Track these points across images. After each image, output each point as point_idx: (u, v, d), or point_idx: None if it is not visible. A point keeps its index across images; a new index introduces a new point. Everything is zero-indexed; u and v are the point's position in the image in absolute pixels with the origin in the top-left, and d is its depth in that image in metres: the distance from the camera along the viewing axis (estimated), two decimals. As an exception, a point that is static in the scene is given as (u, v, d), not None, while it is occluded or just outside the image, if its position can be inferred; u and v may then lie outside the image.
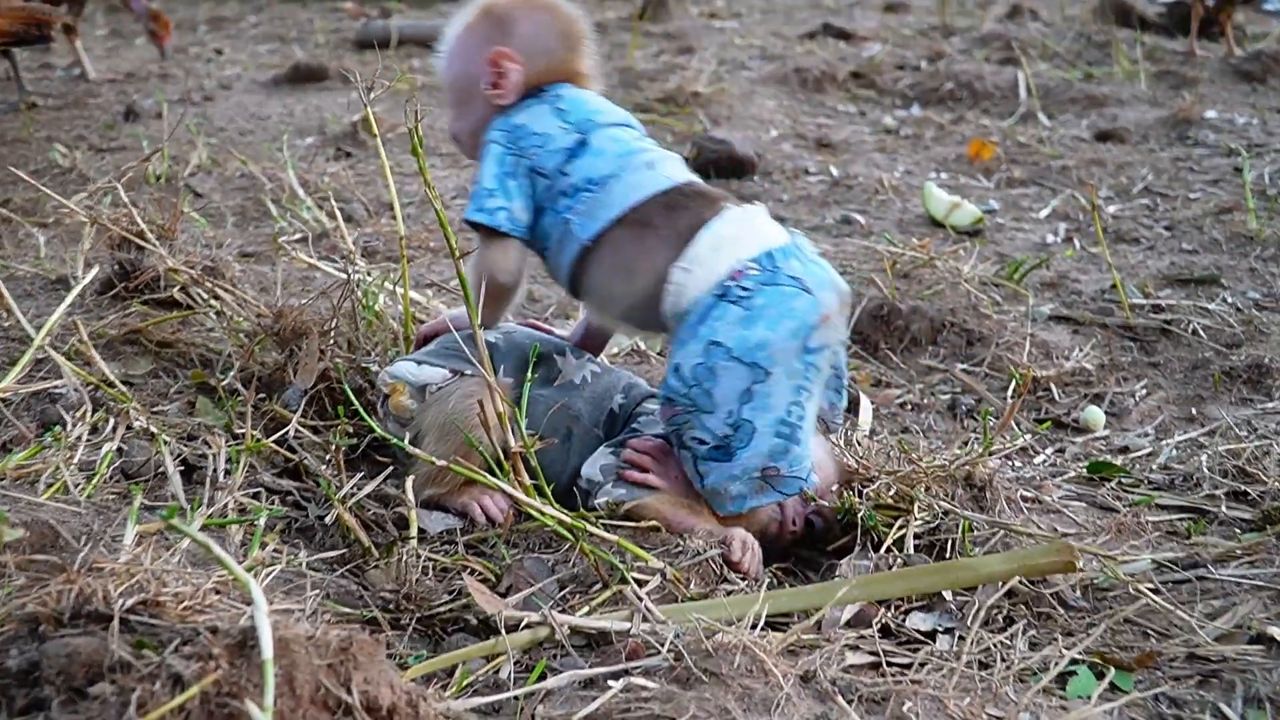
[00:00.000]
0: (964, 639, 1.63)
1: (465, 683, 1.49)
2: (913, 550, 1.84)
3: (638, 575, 1.67)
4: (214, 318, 2.37)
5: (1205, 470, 2.20)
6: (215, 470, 1.91)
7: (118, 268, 2.43)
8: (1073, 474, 2.24)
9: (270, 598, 1.41)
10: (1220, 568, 1.86)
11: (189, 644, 1.15)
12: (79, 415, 1.98)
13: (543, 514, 1.72)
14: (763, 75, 5.62)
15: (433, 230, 3.34)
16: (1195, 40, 5.91)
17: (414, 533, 1.80)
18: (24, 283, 2.64)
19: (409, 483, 1.85)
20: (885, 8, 7.77)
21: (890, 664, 1.57)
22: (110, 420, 1.98)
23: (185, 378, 2.22)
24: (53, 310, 2.20)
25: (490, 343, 1.93)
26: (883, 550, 1.83)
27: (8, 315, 2.32)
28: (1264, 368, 2.61)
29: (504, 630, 1.55)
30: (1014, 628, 1.68)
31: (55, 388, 2.06)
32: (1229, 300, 3.00)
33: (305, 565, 1.72)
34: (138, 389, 2.15)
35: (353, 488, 1.90)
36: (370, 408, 2.05)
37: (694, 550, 1.76)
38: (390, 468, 2.01)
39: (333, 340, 2.21)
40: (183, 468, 1.92)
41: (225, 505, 1.80)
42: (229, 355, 2.27)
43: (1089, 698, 1.51)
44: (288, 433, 2.03)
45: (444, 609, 1.65)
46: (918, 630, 1.68)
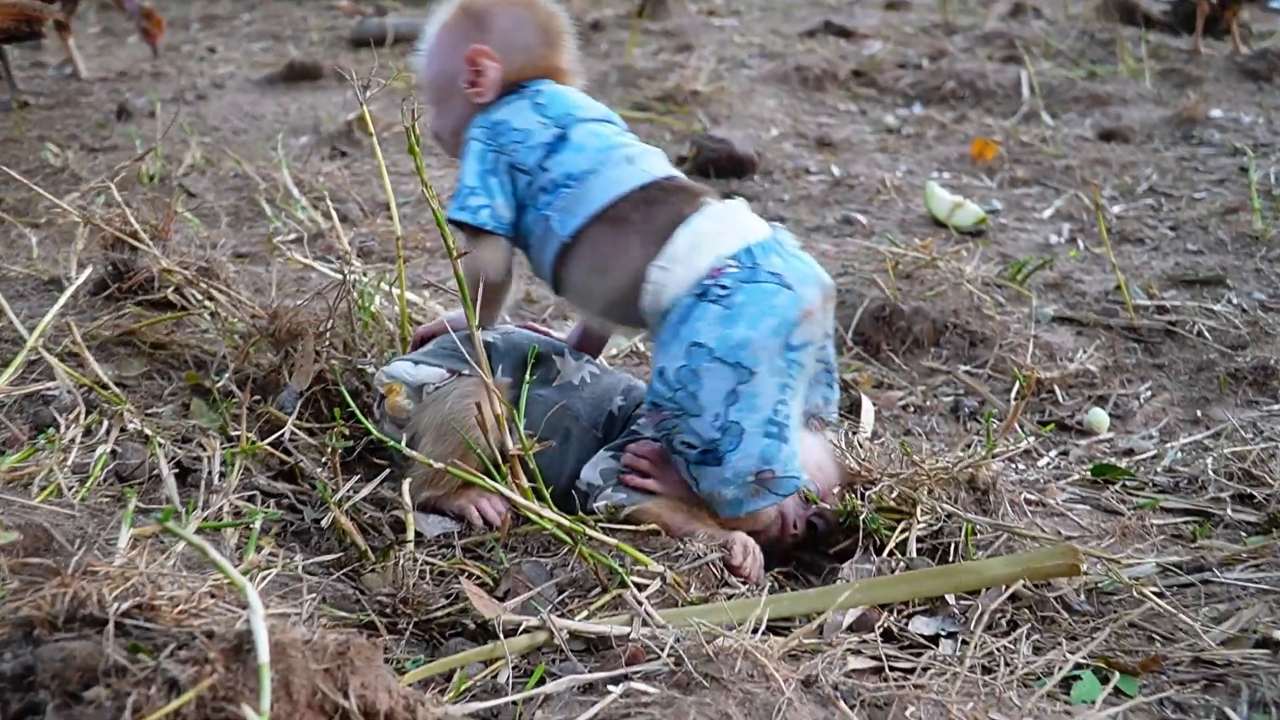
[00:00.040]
0: (967, 643, 1.64)
1: (463, 688, 1.49)
2: (915, 554, 1.85)
3: (637, 579, 1.67)
4: (208, 319, 2.38)
5: (1210, 473, 2.21)
6: (210, 473, 1.92)
7: (111, 268, 2.43)
8: (1077, 477, 2.25)
9: (266, 602, 1.41)
10: (1226, 571, 1.87)
11: (184, 648, 1.15)
12: (72, 417, 1.98)
13: (541, 517, 1.72)
14: (763, 73, 5.62)
15: (429, 230, 3.34)
16: (1200, 38, 5.92)
17: (411, 536, 1.80)
18: (16, 283, 2.64)
19: (406, 486, 1.86)
20: (886, 5, 7.78)
21: (893, 669, 1.58)
22: (104, 422, 1.98)
23: (179, 379, 2.23)
24: (46, 311, 2.20)
25: (488, 343, 1.94)
26: (885, 553, 1.84)
27: (0, 316, 2.32)
28: (1270, 369, 2.62)
29: (502, 635, 1.55)
30: (1017, 632, 1.68)
31: (48, 389, 2.06)
32: (1234, 301, 3.00)
33: (301, 569, 1.73)
34: (132, 391, 2.15)
35: (349, 491, 1.90)
36: (366, 409, 2.05)
37: (694, 554, 1.76)
38: (387, 470, 2.01)
39: (328, 342, 2.21)
40: (177, 470, 1.92)
41: (220, 508, 1.80)
42: (223, 357, 2.27)
43: (1093, 702, 1.52)
44: (283, 435, 2.04)
45: (441, 613, 1.66)
46: (920, 634, 1.68)
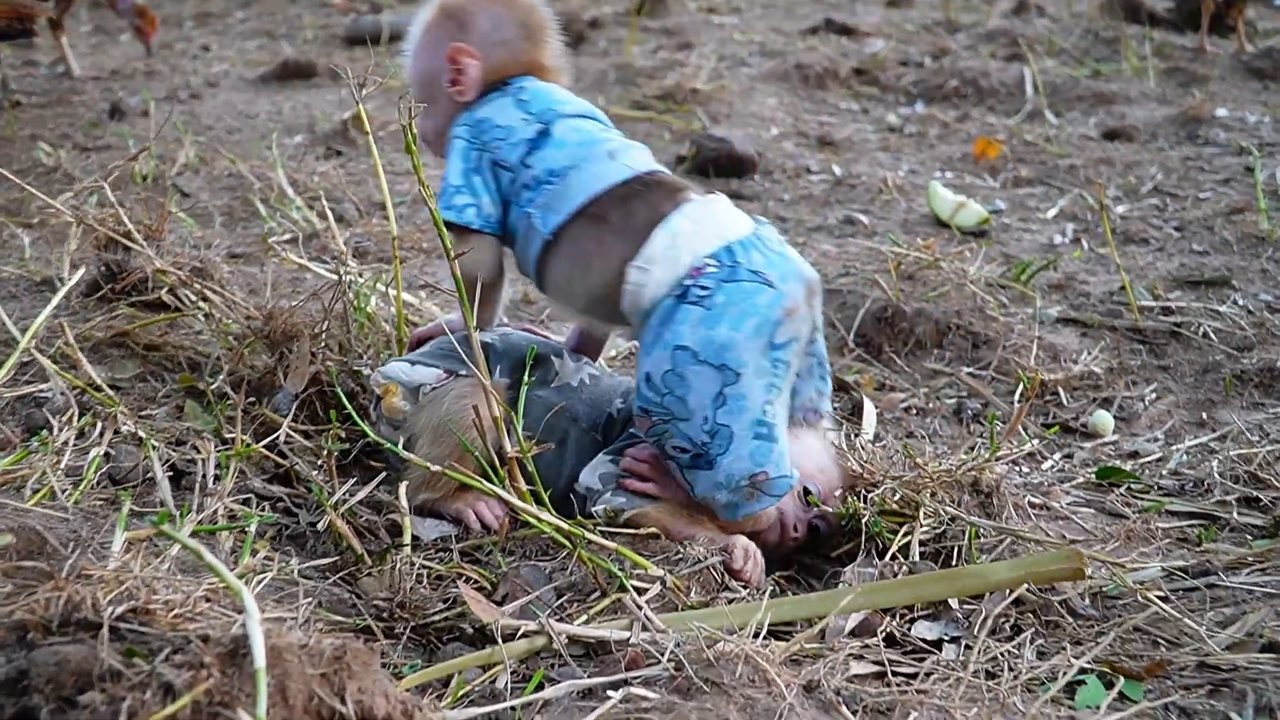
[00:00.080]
0: (970, 648, 1.64)
1: (461, 693, 1.49)
2: (918, 557, 1.85)
3: (637, 583, 1.67)
4: (202, 320, 2.38)
5: (1216, 476, 2.21)
6: (204, 476, 1.92)
7: (104, 269, 2.43)
8: (1081, 479, 2.25)
9: (262, 606, 1.41)
10: (1231, 575, 1.87)
11: (180, 652, 1.16)
12: (65, 419, 1.98)
13: (540, 521, 1.73)
14: (763, 72, 5.62)
15: (426, 230, 3.34)
16: (1205, 36, 5.92)
17: (408, 540, 1.81)
18: (8, 284, 2.64)
19: (402, 488, 1.86)
20: (888, 3, 7.78)
21: (895, 674, 1.58)
22: (97, 424, 1.99)
23: (173, 381, 2.23)
24: (38, 312, 2.20)
25: (486, 344, 1.94)
26: (887, 557, 1.84)
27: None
28: (1276, 371, 2.62)
29: (500, 639, 1.55)
30: (1022, 636, 1.68)
31: (41, 391, 2.06)
32: (1240, 302, 3.01)
33: (297, 573, 1.73)
34: (125, 393, 2.15)
35: (345, 494, 1.91)
36: (363, 411, 2.05)
37: (694, 558, 1.77)
38: (383, 473, 2.02)
39: (324, 343, 2.22)
40: (171, 473, 1.92)
41: (215, 511, 1.80)
42: (218, 358, 2.27)
43: (1098, 707, 1.52)
44: (278, 437, 2.04)
45: (439, 618, 1.66)
46: (923, 639, 1.69)
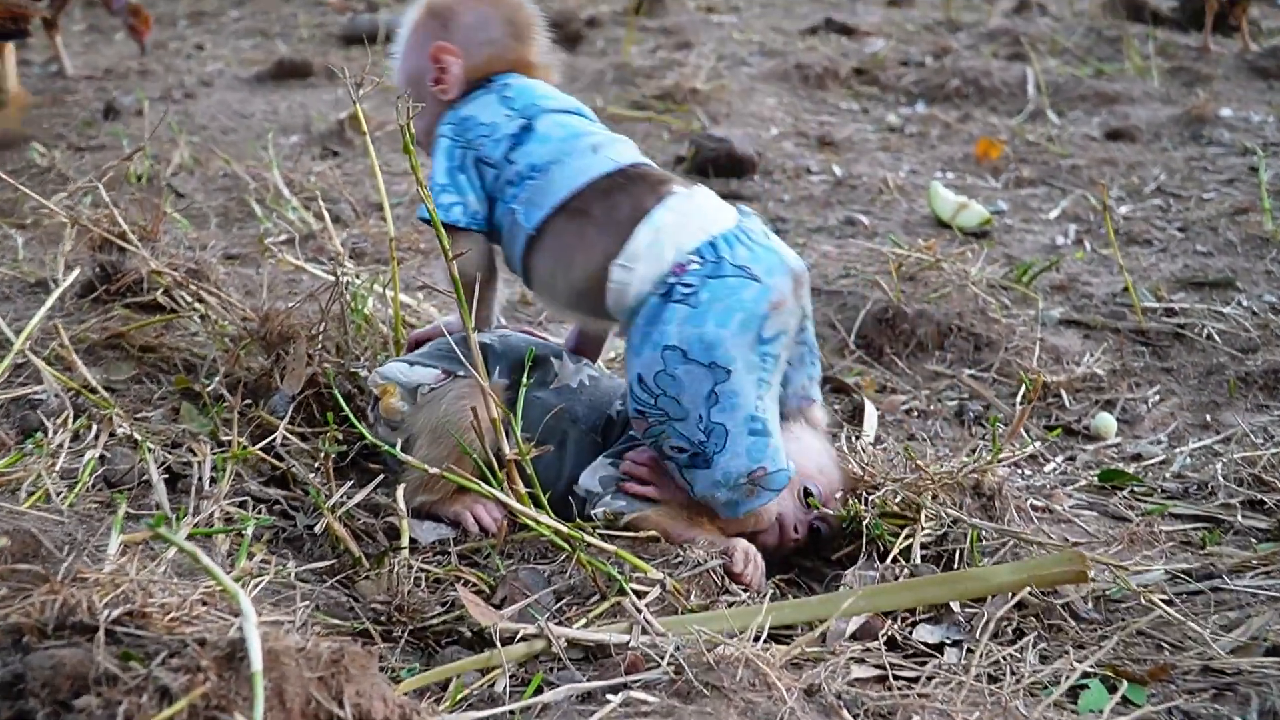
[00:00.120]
0: (973, 651, 1.65)
1: (459, 697, 1.50)
2: (919, 560, 1.86)
3: (636, 586, 1.68)
4: (198, 321, 2.38)
5: (1220, 478, 2.22)
6: (200, 478, 1.93)
7: (99, 270, 2.43)
8: (1084, 482, 2.25)
9: (259, 609, 1.42)
10: (1235, 578, 1.88)
11: (176, 656, 1.16)
12: (60, 422, 1.99)
13: (538, 523, 1.73)
14: (763, 71, 5.63)
15: (423, 231, 3.35)
16: (1209, 35, 5.92)
17: (405, 542, 1.81)
18: (2, 286, 2.65)
19: (400, 491, 1.86)
20: (889, 2, 7.77)
21: (897, 677, 1.59)
22: (92, 427, 1.99)
23: (169, 383, 2.23)
24: (32, 314, 2.20)
25: (485, 345, 1.94)
26: (889, 560, 1.84)
27: (-14, 319, 2.33)
28: (1280, 373, 2.63)
29: (499, 643, 1.56)
30: (1024, 640, 1.69)
31: (35, 393, 2.07)
32: (1244, 304, 3.01)
33: (294, 576, 1.73)
34: (120, 395, 2.16)
35: (342, 496, 1.91)
36: (360, 413, 2.05)
37: (694, 561, 1.77)
38: (381, 476, 2.02)
39: (321, 345, 2.22)
40: (167, 476, 1.93)
41: (211, 514, 1.80)
42: (214, 360, 2.28)
43: (1101, 712, 1.53)
44: (275, 440, 2.04)
45: (437, 621, 1.67)
46: (925, 643, 1.69)
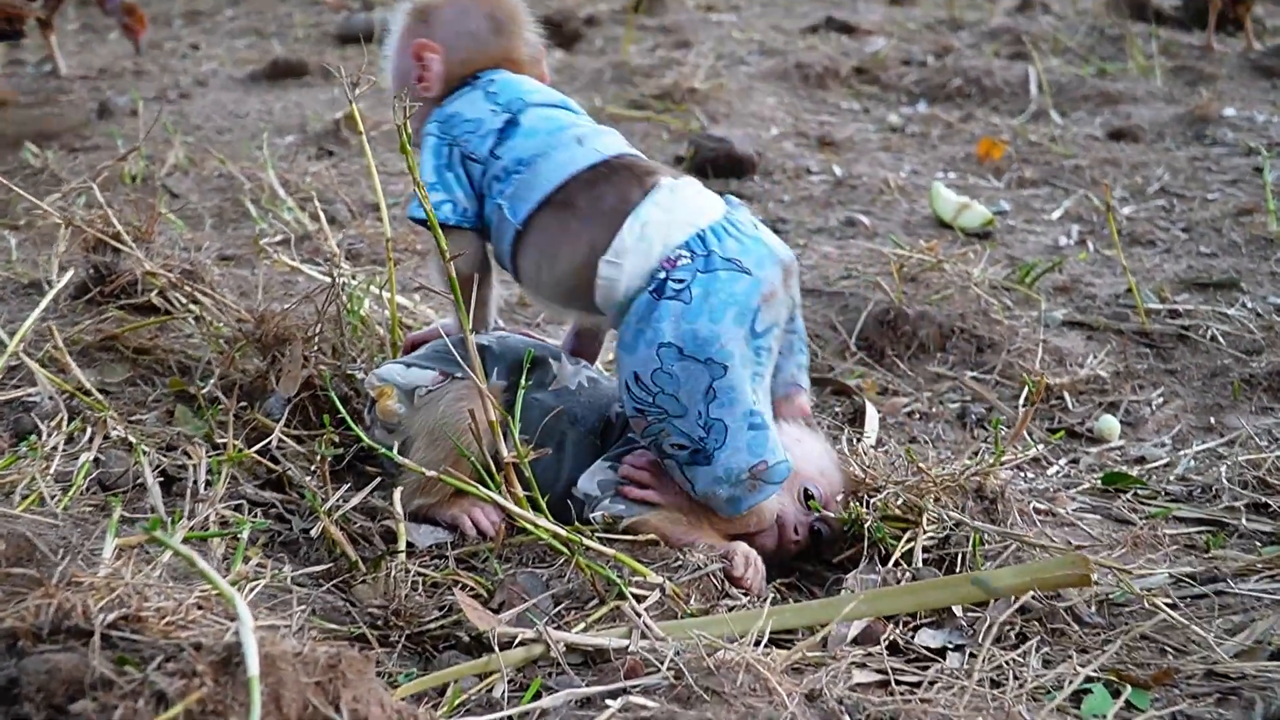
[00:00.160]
0: (975, 656, 1.65)
1: (457, 702, 1.50)
2: (922, 563, 1.86)
3: (636, 590, 1.68)
4: (193, 323, 2.38)
5: (1224, 481, 2.22)
6: (196, 482, 1.92)
7: (93, 271, 2.44)
8: (1087, 485, 2.26)
9: (255, 613, 1.42)
10: (1240, 582, 1.88)
11: (172, 660, 1.16)
12: (54, 424, 1.99)
13: (537, 527, 1.73)
14: (762, 71, 5.63)
15: (420, 232, 3.34)
16: (1213, 34, 5.93)
17: (402, 546, 1.81)
18: (-5, 287, 2.65)
19: (397, 494, 1.87)
20: (890, 0, 7.79)
21: (899, 682, 1.59)
22: (87, 429, 1.99)
23: (164, 385, 2.23)
24: (26, 315, 2.21)
25: (483, 346, 1.94)
26: (890, 563, 1.84)
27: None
28: (1285, 375, 2.63)
29: (497, 648, 1.56)
30: (1027, 644, 1.69)
31: (29, 396, 2.07)
32: (1249, 305, 3.01)
33: (290, 580, 1.73)
34: (115, 397, 2.16)
35: (339, 500, 1.91)
36: (356, 416, 2.06)
37: (694, 565, 1.77)
38: (378, 479, 2.02)
39: (317, 347, 2.22)
40: (162, 479, 1.93)
41: (206, 518, 1.80)
42: (209, 362, 2.28)
43: (1104, 716, 1.53)
44: (271, 443, 2.04)
45: (434, 625, 1.67)
46: (927, 647, 1.69)
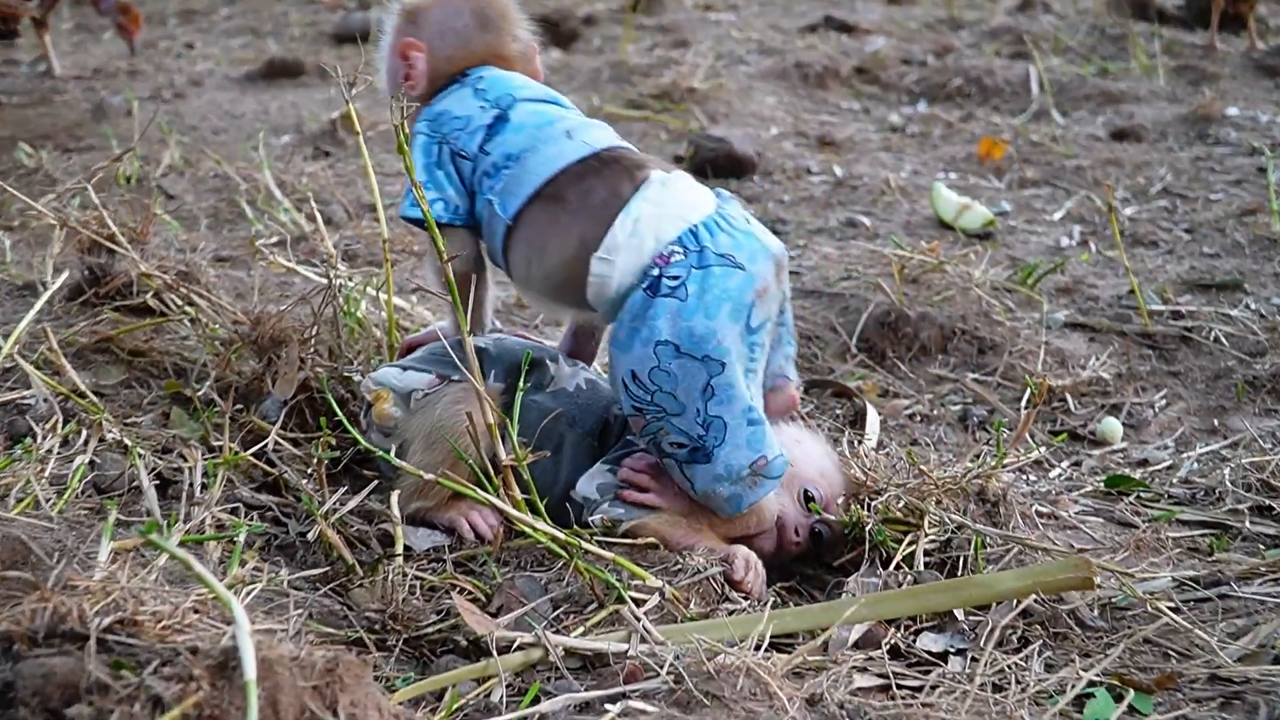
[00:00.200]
0: (977, 660, 1.65)
1: (455, 706, 1.50)
2: (923, 567, 1.86)
3: (635, 594, 1.68)
4: (188, 325, 2.38)
5: (1228, 484, 2.22)
6: (191, 485, 1.93)
7: (88, 273, 2.44)
8: (1090, 488, 2.26)
9: (252, 617, 1.42)
10: (1243, 585, 1.88)
11: (169, 665, 1.16)
12: (49, 427, 1.99)
13: (535, 530, 1.73)
14: (762, 70, 5.63)
15: (417, 233, 3.34)
16: (1216, 34, 5.94)
17: (400, 550, 1.81)
18: (-11, 289, 2.65)
19: (394, 497, 1.87)
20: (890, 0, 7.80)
21: (900, 686, 1.59)
22: (82, 432, 1.99)
23: (159, 388, 2.23)
24: (20, 317, 2.21)
25: (480, 348, 1.94)
26: (891, 567, 1.85)
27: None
28: (1289, 377, 2.63)
29: (495, 652, 1.56)
30: (1029, 648, 1.69)
31: (24, 398, 2.07)
32: (1252, 306, 3.02)
33: (287, 584, 1.74)
34: (110, 400, 2.16)
35: (335, 503, 1.91)
36: (353, 418, 2.06)
37: (694, 568, 1.77)
38: (375, 482, 2.02)
39: (313, 348, 2.22)
40: (158, 482, 1.93)
41: (203, 521, 1.81)
42: (204, 364, 2.28)
43: (1107, 721, 1.53)
44: (267, 445, 2.05)
45: (432, 630, 1.67)
46: (928, 651, 1.69)
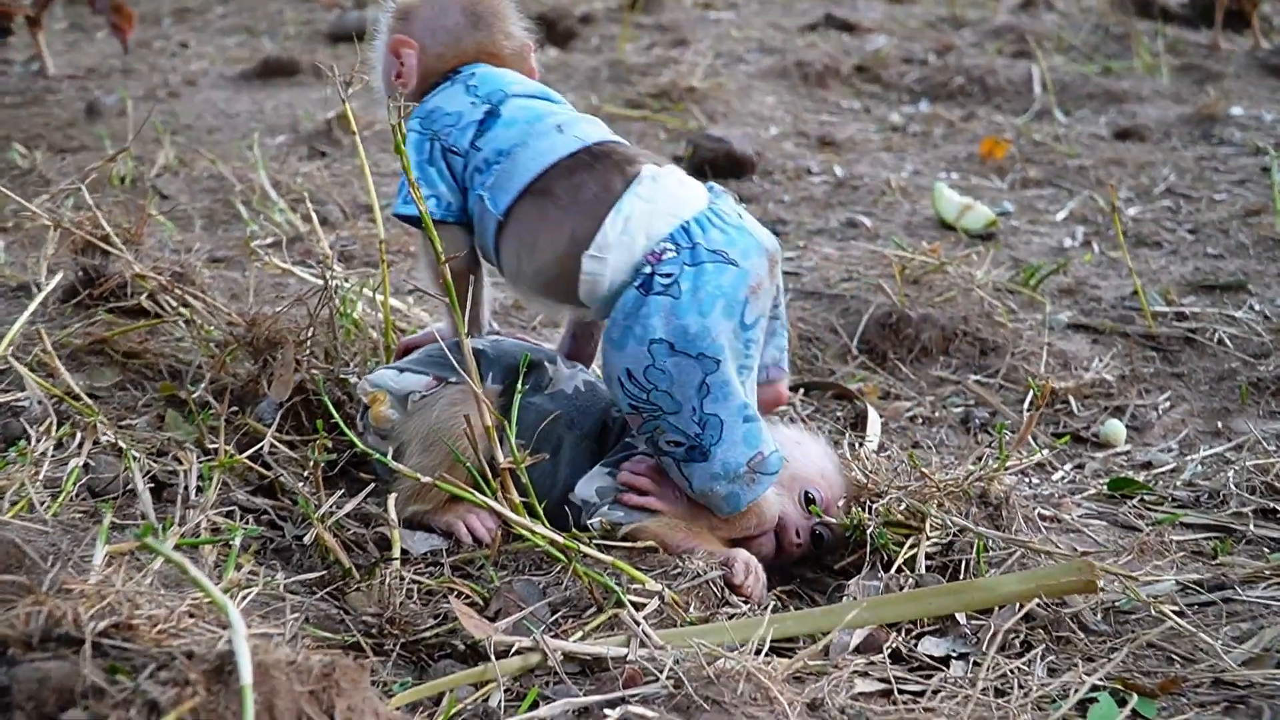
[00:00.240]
0: (979, 665, 1.65)
1: (453, 711, 1.50)
2: (925, 570, 1.86)
3: (634, 598, 1.68)
4: (183, 326, 2.38)
5: (1232, 487, 2.22)
6: (186, 488, 1.93)
7: (82, 274, 2.44)
8: (1093, 491, 2.26)
9: (248, 621, 1.42)
10: (1247, 589, 1.88)
11: (164, 669, 1.17)
12: (43, 429, 1.99)
13: (533, 534, 1.73)
14: (761, 69, 5.64)
15: (413, 233, 3.35)
16: (1220, 32, 5.95)
17: (397, 553, 1.81)
18: (-18, 290, 2.65)
19: (391, 501, 1.87)
20: (890, -2, 7.80)
21: (901, 691, 1.59)
22: (76, 435, 1.99)
23: (154, 390, 2.23)
24: (14, 319, 2.21)
25: (477, 350, 1.94)
26: (893, 570, 1.85)
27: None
28: (1293, 378, 2.63)
29: (493, 656, 1.56)
30: (1032, 653, 1.69)
31: (18, 400, 2.07)
32: (1256, 308, 3.02)
33: (283, 587, 1.74)
34: (104, 402, 2.16)
35: (332, 506, 1.91)
36: (350, 421, 2.06)
37: (694, 572, 1.77)
38: (371, 485, 2.02)
39: (309, 350, 2.22)
40: (153, 485, 1.93)
41: (198, 524, 1.81)
42: (199, 366, 2.28)
43: (1110, 725, 1.53)
44: (262, 448, 2.05)
45: (430, 634, 1.67)
46: (930, 655, 1.70)
